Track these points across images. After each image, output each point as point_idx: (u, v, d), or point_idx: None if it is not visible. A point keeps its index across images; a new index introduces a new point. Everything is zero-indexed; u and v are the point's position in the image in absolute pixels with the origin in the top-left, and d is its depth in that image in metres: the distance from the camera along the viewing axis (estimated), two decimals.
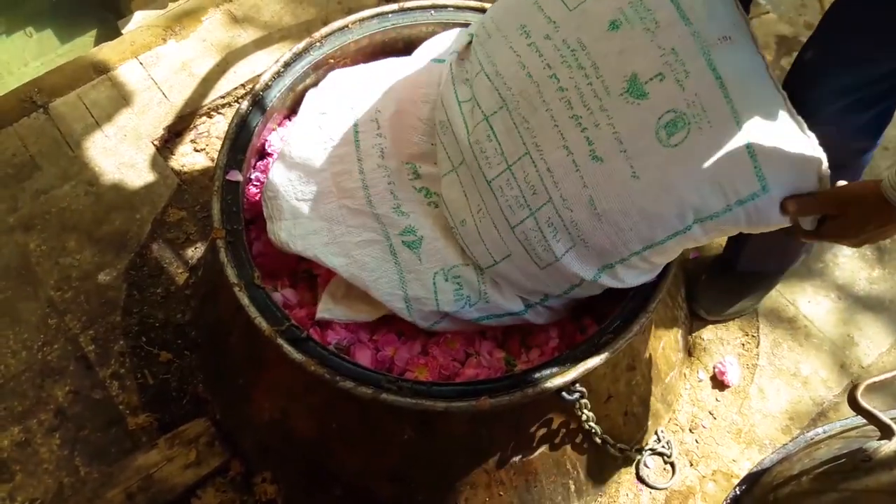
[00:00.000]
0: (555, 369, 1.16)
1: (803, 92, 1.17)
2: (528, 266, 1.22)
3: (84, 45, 2.70)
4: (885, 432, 0.86)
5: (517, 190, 1.17)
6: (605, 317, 1.26)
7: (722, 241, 1.85)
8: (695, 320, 1.74)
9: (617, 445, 1.40)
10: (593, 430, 1.30)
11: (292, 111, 1.55)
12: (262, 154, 1.50)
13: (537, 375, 1.14)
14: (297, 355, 1.13)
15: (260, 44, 2.18)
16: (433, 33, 1.51)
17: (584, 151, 1.12)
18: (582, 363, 1.15)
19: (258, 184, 1.45)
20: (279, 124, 1.54)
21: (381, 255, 1.30)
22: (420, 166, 1.39)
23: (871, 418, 0.87)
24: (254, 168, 1.47)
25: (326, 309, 1.33)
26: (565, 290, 1.25)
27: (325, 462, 1.40)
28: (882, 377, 0.92)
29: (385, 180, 1.37)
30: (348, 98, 1.45)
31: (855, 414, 0.90)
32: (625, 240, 1.14)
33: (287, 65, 1.45)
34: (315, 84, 1.51)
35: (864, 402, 0.87)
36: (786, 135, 1.06)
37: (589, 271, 1.20)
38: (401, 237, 1.32)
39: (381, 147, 1.39)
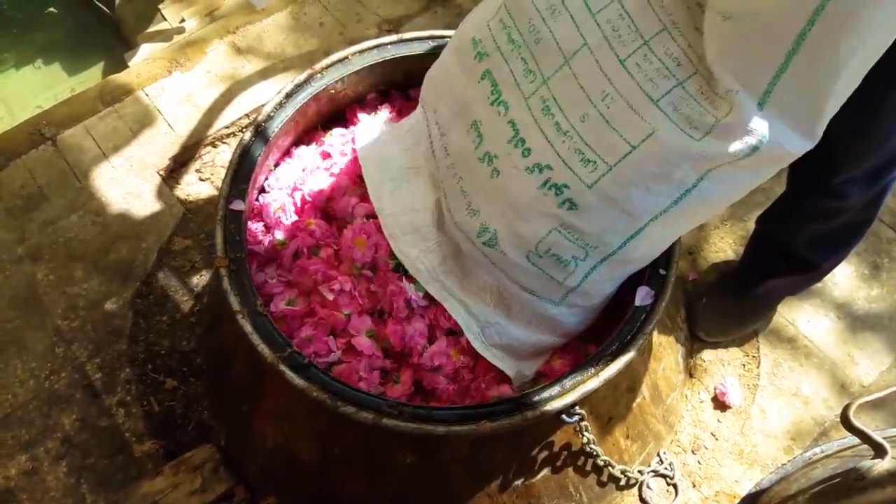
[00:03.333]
0: (554, 392, 1.17)
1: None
2: (680, 139, 1.05)
3: (91, 78, 2.75)
4: (878, 451, 0.87)
5: (657, 63, 1.06)
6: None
7: (718, 263, 1.87)
8: (695, 341, 1.75)
9: (619, 467, 1.40)
10: (595, 453, 1.31)
11: (293, 144, 1.59)
12: (262, 189, 1.53)
13: (537, 399, 1.16)
14: (298, 381, 1.14)
15: (263, 74, 2.22)
16: (432, 65, 1.54)
17: None
18: (581, 385, 1.16)
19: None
20: (281, 158, 1.57)
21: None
22: (481, 123, 1.25)
23: (864, 437, 0.88)
24: (256, 201, 1.50)
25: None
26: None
27: (329, 487, 1.41)
28: (875, 396, 0.93)
29: (454, 179, 1.30)
30: (395, 134, 1.49)
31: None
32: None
33: (289, 96, 1.48)
34: (317, 113, 1.55)
35: (857, 422, 0.87)
36: None
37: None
38: (480, 240, 1.26)
39: (444, 145, 1.33)
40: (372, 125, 1.56)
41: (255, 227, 1.49)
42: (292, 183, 1.53)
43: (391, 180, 1.46)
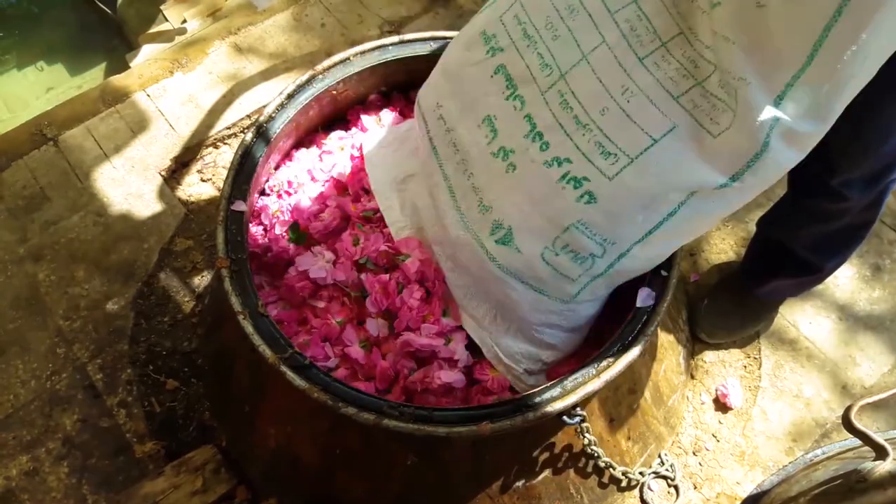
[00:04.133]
0: (555, 393, 1.17)
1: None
2: (699, 134, 1.07)
3: (93, 79, 2.75)
4: (880, 453, 0.87)
5: (676, 64, 1.08)
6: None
7: (720, 264, 1.87)
8: (696, 343, 1.75)
9: (620, 469, 1.40)
10: (596, 454, 1.31)
11: (295, 145, 1.59)
12: (262, 192, 1.53)
13: (538, 400, 1.16)
14: (300, 382, 1.15)
15: (265, 75, 2.22)
16: (433, 65, 1.54)
17: None
18: (582, 387, 1.16)
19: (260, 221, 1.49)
20: (281, 161, 1.57)
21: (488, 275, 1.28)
22: (496, 118, 1.24)
23: (866, 439, 0.88)
24: (256, 204, 1.50)
25: None
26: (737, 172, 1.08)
27: (330, 488, 1.41)
28: (876, 397, 0.93)
29: (464, 175, 1.28)
30: (399, 141, 1.49)
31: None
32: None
33: (290, 96, 1.49)
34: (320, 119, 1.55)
35: (858, 423, 0.87)
36: None
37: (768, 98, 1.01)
38: (493, 238, 1.24)
39: (452, 141, 1.30)
40: (378, 132, 1.56)
41: (255, 230, 1.49)
42: (287, 188, 1.53)
43: (396, 190, 1.46)
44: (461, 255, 1.31)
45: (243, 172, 1.40)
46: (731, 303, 1.72)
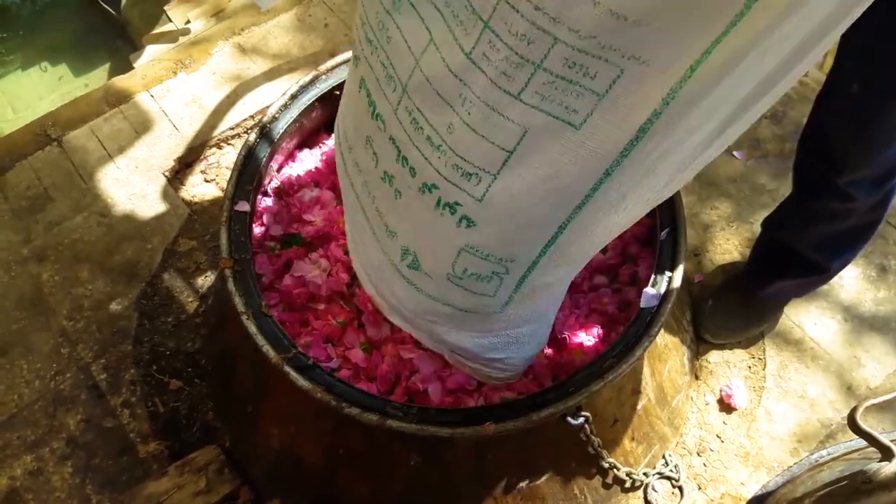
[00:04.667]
0: (559, 394, 1.16)
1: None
2: (562, 131, 0.85)
3: (97, 79, 2.76)
4: (886, 454, 0.87)
5: (505, 50, 0.82)
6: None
7: (724, 264, 1.87)
8: (701, 343, 1.75)
9: (624, 470, 1.40)
10: (600, 455, 1.31)
11: (298, 146, 1.59)
12: (265, 193, 1.53)
13: (541, 400, 1.15)
14: (303, 382, 1.14)
15: (268, 76, 2.23)
16: None
17: None
18: (585, 387, 1.16)
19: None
20: (284, 162, 1.57)
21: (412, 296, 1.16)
22: (373, 140, 1.06)
23: (871, 440, 0.87)
24: (259, 204, 1.50)
25: None
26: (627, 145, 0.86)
27: (333, 489, 1.41)
28: (882, 398, 0.93)
29: (369, 198, 1.14)
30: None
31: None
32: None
33: (294, 97, 1.48)
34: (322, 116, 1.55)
35: (864, 424, 0.87)
36: None
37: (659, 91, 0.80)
38: (405, 263, 1.11)
39: (354, 160, 1.16)
40: None
41: (258, 230, 1.49)
42: (287, 189, 1.54)
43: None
44: (384, 277, 1.19)
45: (247, 173, 1.40)
46: (735, 303, 1.72)
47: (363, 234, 1.19)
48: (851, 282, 1.83)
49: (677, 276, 1.27)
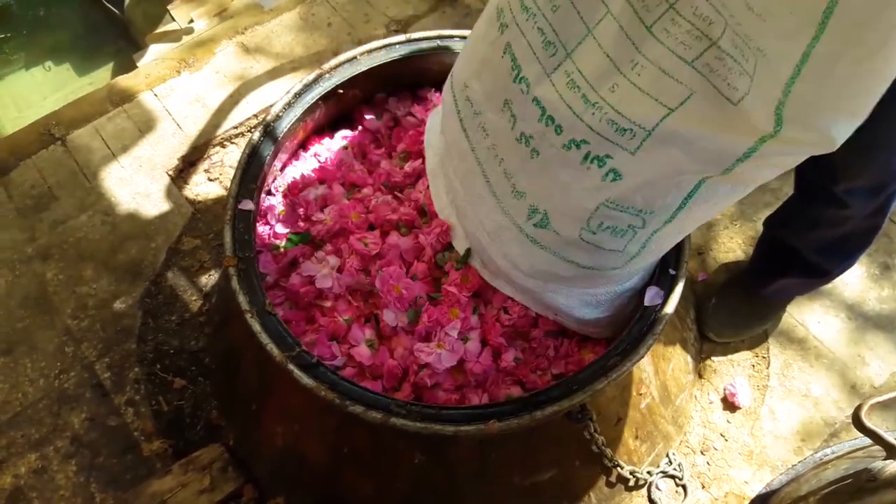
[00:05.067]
0: (563, 392, 1.16)
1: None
2: (717, 102, 0.96)
3: (101, 78, 2.77)
4: (891, 452, 0.87)
5: (687, 25, 0.95)
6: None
7: (728, 263, 1.86)
8: (704, 342, 1.75)
9: (628, 468, 1.40)
10: (604, 453, 1.30)
11: (302, 144, 1.59)
12: (269, 192, 1.54)
13: (545, 398, 1.15)
14: (307, 380, 1.14)
15: (272, 74, 2.23)
16: (440, 63, 1.54)
17: None
18: (589, 386, 1.16)
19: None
20: (288, 161, 1.57)
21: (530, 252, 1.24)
22: (512, 103, 1.16)
23: (876, 438, 0.87)
24: (263, 203, 1.50)
25: None
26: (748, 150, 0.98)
27: (337, 487, 1.41)
28: (886, 396, 0.92)
29: (495, 160, 1.22)
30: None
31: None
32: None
33: (297, 95, 1.49)
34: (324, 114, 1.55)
35: (868, 422, 0.87)
36: None
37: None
38: (531, 222, 1.20)
39: (480, 125, 1.23)
40: (436, 111, 1.52)
41: (262, 230, 1.49)
42: (289, 189, 1.54)
43: (441, 175, 1.42)
44: (502, 239, 1.27)
45: (250, 171, 1.40)
46: (738, 302, 1.72)
47: (477, 199, 1.28)
48: (855, 280, 1.83)
49: (681, 275, 1.27)
